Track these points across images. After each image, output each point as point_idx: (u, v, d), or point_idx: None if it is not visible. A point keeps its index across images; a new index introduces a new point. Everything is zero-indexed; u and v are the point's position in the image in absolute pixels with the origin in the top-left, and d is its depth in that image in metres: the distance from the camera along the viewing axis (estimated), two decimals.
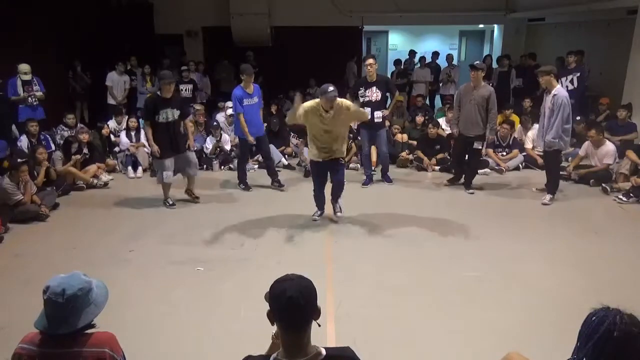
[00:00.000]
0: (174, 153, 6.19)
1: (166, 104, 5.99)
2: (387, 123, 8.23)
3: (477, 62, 6.95)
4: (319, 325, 1.71)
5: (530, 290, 4.28)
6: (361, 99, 6.96)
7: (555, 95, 6.09)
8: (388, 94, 7.18)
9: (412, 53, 13.00)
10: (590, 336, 1.60)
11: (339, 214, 5.83)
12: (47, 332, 1.90)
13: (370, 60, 6.96)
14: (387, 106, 7.20)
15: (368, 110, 6.83)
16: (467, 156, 6.99)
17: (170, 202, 6.39)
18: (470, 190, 6.89)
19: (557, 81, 6.28)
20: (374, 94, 6.91)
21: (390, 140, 8.35)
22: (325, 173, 5.69)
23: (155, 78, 10.35)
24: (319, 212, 5.89)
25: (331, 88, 5.12)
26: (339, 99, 5.29)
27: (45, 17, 9.06)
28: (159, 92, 6.10)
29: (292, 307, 1.61)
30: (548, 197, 6.51)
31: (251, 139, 6.76)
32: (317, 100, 5.30)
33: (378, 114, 6.93)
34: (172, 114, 6.03)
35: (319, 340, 1.75)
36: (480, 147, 6.78)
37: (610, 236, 5.39)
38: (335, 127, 5.33)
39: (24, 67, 7.86)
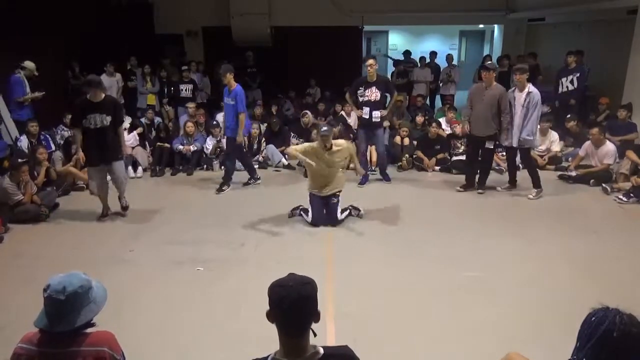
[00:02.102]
0: (101, 163, 5.74)
1: (94, 108, 5.50)
2: (387, 123, 8.23)
3: (489, 62, 6.91)
4: (315, 335, 1.70)
5: (530, 290, 4.28)
6: (360, 99, 7.00)
7: (530, 93, 6.32)
8: (387, 94, 7.19)
9: (408, 53, 13.02)
10: (589, 336, 1.59)
11: (361, 213, 6.01)
12: (47, 329, 1.90)
13: (371, 61, 6.98)
14: (385, 106, 7.20)
15: (367, 109, 6.91)
16: (479, 156, 6.98)
17: (104, 213, 6.01)
18: (481, 190, 6.87)
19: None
20: (374, 93, 6.94)
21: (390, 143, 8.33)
22: (324, 206, 5.83)
23: (155, 78, 10.38)
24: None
25: (325, 128, 5.67)
26: (337, 141, 5.86)
27: (45, 17, 9.05)
28: (87, 96, 5.60)
29: (292, 315, 1.61)
30: (534, 191, 6.66)
31: (221, 133, 7.25)
32: (315, 143, 5.80)
33: (376, 114, 6.95)
34: (100, 119, 5.52)
35: (318, 339, 1.75)
36: (492, 147, 6.77)
37: (610, 236, 5.39)
38: (332, 164, 5.73)
39: (32, 64, 7.82)
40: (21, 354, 1.93)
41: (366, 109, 6.92)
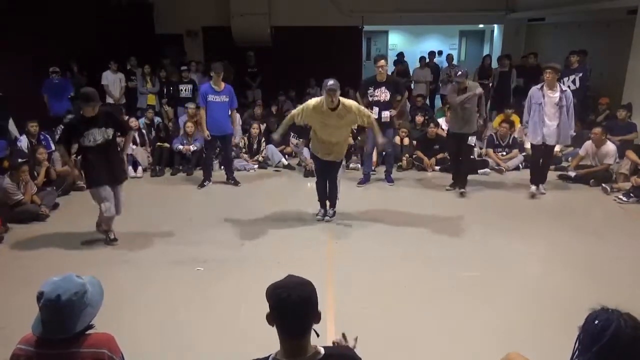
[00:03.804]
0: (109, 182, 5.05)
1: (90, 124, 4.87)
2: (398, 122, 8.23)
3: (459, 73, 6.79)
4: (318, 336, 1.70)
5: (530, 290, 4.28)
6: (370, 98, 6.94)
7: (565, 92, 6.38)
8: (398, 95, 7.16)
9: (401, 56, 12.97)
10: (594, 341, 1.56)
11: (327, 218, 5.87)
12: (44, 337, 1.89)
13: (382, 62, 6.91)
14: (394, 107, 7.13)
15: (376, 109, 6.85)
16: (461, 154, 6.93)
17: (112, 237, 5.29)
18: (462, 190, 6.75)
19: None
20: (383, 94, 6.89)
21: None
22: (325, 170, 5.74)
23: (155, 78, 10.38)
24: (322, 212, 5.90)
25: (331, 82, 5.13)
26: (346, 101, 5.35)
27: (45, 17, 9.05)
28: (81, 112, 4.97)
29: (293, 318, 1.61)
30: (542, 187, 6.79)
31: (207, 133, 7.01)
32: (321, 97, 5.28)
33: (386, 114, 6.88)
34: (101, 134, 4.89)
35: (318, 340, 1.75)
36: (473, 144, 6.78)
37: (610, 236, 5.39)
38: (338, 128, 5.35)
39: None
40: (20, 355, 1.92)
41: (375, 109, 6.83)
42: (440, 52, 12.44)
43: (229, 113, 7.13)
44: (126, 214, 6.14)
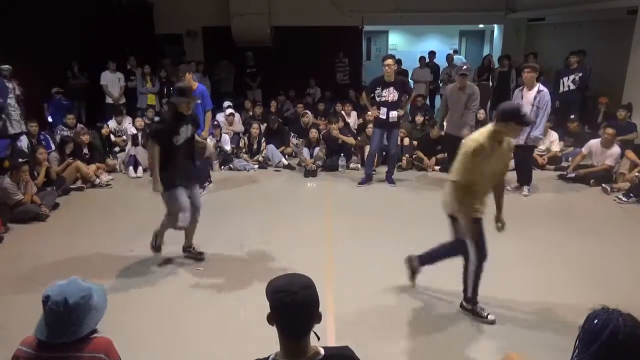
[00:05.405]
0: (192, 183, 4.75)
1: (183, 121, 4.51)
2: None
3: (465, 67, 6.81)
4: (319, 339, 1.70)
5: (529, 290, 4.28)
6: (377, 99, 6.87)
7: (541, 92, 6.32)
8: (405, 95, 7.05)
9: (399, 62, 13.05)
10: (593, 340, 1.57)
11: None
12: (49, 341, 1.89)
13: (389, 61, 6.73)
14: (402, 106, 7.04)
15: (384, 110, 6.79)
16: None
17: (197, 250, 4.97)
18: None
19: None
20: (391, 94, 6.77)
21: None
22: None
23: (155, 78, 10.38)
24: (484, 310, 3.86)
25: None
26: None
27: (45, 17, 9.05)
28: (178, 108, 4.51)
29: (295, 320, 1.62)
30: (526, 188, 6.76)
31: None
32: (490, 129, 3.59)
33: (393, 114, 6.79)
34: (187, 131, 4.55)
35: (318, 340, 1.75)
36: None
37: (610, 236, 5.39)
38: (501, 164, 3.82)
39: None
40: (20, 357, 1.93)
41: (383, 109, 6.75)
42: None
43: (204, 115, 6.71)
44: (125, 214, 6.17)
